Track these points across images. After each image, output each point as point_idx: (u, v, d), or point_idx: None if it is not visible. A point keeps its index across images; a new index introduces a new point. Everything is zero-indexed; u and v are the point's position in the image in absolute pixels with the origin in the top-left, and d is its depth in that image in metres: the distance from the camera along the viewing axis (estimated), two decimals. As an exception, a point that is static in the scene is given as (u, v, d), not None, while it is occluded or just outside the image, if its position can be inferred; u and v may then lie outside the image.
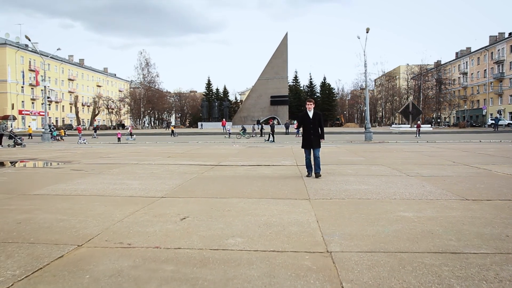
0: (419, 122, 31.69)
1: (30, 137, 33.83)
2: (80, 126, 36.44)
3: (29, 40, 24.99)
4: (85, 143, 25.67)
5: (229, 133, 31.34)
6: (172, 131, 37.31)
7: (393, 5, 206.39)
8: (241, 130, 31.35)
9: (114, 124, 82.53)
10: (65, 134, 35.35)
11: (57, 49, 28.80)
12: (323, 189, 5.96)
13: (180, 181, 6.97)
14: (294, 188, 6.13)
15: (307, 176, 7.27)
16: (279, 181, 6.83)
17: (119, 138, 26.95)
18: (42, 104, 76.68)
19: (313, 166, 7.26)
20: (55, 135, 31.04)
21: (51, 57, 78.53)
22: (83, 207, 4.77)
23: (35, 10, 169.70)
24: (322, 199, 5.27)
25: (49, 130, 29.30)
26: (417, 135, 27.81)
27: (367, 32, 25.10)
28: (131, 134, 30.35)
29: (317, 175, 7.10)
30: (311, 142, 7.18)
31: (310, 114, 7.18)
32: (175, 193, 5.79)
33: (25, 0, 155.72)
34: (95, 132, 36.82)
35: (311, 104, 7.20)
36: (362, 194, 5.57)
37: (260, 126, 35.86)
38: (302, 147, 7.35)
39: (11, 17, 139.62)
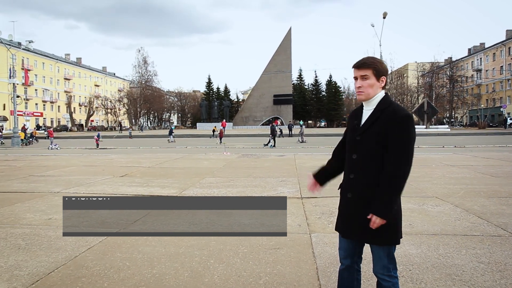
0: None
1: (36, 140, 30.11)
2: (51, 129, 32.51)
3: (-1, 31, 21.67)
4: (57, 148, 22.37)
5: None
6: (213, 131, 34.36)
7: (393, 5, 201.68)
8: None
9: (112, 125, 79.48)
10: (26, 137, 27.78)
11: (29, 42, 25.37)
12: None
13: (63, 255, 3.44)
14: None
15: None
16: (264, 265, 3.27)
17: (97, 144, 23.54)
18: (35, 104, 74.00)
19: None
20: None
21: (46, 56, 76.12)
22: None
23: (40, 11, 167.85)
24: None
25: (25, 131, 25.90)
26: (220, 141, 24.29)
27: (384, 18, 21.32)
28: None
29: None
30: (354, 215, 1.96)
31: (365, 112, 1.98)
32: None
33: (29, 1, 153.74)
34: (49, 138, 25.24)
35: (367, 79, 1.94)
36: None
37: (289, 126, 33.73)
38: (336, 228, 2.10)
39: (15, 18, 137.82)
